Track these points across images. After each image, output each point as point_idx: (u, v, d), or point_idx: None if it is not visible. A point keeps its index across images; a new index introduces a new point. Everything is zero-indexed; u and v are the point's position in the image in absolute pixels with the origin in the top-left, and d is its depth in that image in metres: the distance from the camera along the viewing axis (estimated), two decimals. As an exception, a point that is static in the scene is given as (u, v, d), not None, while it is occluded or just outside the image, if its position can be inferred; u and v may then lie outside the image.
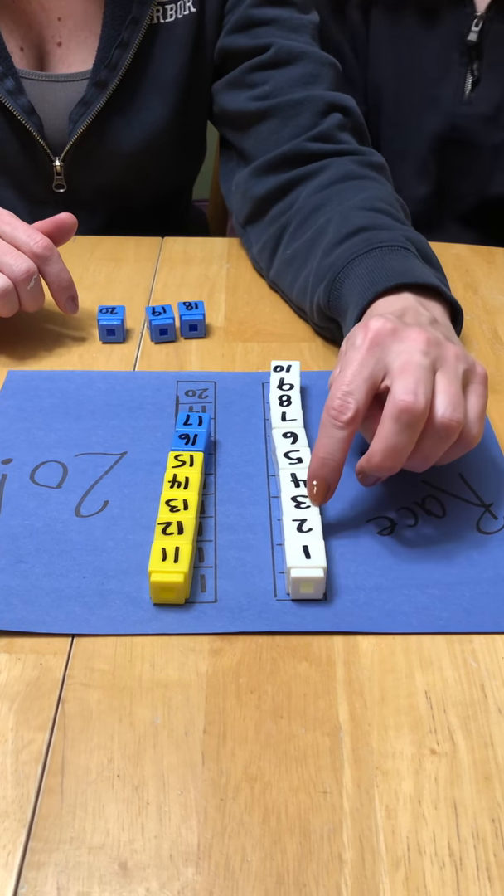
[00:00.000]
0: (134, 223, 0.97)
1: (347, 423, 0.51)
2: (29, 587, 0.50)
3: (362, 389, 0.51)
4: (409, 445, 0.50)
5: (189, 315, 0.74)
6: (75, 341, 0.74)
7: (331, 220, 0.73)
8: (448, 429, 0.51)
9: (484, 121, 0.99)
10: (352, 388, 0.51)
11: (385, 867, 0.37)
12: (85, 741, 0.42)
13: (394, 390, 0.50)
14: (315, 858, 0.38)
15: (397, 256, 0.65)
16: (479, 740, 0.43)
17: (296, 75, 0.84)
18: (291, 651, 0.47)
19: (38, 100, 0.86)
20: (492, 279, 0.86)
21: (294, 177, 0.81)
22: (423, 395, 0.50)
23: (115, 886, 0.36)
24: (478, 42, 0.95)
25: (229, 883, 0.37)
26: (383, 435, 0.50)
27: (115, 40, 0.85)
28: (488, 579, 0.51)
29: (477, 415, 0.53)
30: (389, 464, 0.51)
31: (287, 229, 0.79)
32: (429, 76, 0.99)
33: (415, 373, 0.50)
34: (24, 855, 0.38)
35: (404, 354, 0.52)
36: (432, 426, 0.50)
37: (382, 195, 0.75)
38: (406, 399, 0.49)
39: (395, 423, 0.50)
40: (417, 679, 0.46)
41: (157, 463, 0.59)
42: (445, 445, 0.52)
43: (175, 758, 0.41)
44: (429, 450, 0.52)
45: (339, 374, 0.52)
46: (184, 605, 0.49)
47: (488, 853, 0.38)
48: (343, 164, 0.80)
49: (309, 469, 0.53)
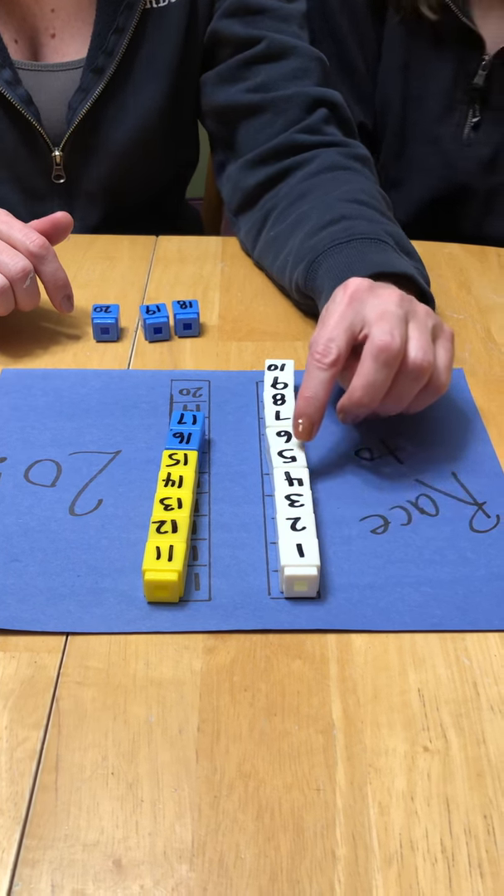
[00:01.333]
0: (129, 219, 0.97)
1: (330, 364, 0.56)
2: (23, 586, 0.50)
3: (343, 337, 0.56)
4: (385, 382, 0.55)
5: (183, 314, 0.74)
6: (69, 340, 0.74)
7: (314, 207, 0.76)
8: (420, 369, 0.56)
9: (481, 164, 0.99)
10: (334, 335, 0.56)
11: (378, 864, 0.38)
12: (79, 739, 0.42)
13: (372, 334, 0.55)
14: (308, 855, 0.38)
15: (376, 248, 0.68)
16: (471, 737, 0.43)
17: (287, 70, 0.86)
18: (285, 649, 0.47)
19: (35, 90, 0.87)
20: (485, 278, 0.86)
21: (283, 167, 0.84)
22: (399, 337, 0.55)
23: (109, 884, 0.37)
24: (484, 86, 0.95)
25: (223, 880, 0.37)
26: (363, 372, 0.55)
27: (111, 26, 0.85)
28: (481, 577, 0.51)
29: (445, 364, 0.58)
30: (368, 399, 0.56)
31: (272, 213, 0.83)
32: (432, 111, 0.99)
33: (390, 320, 0.56)
34: (19, 852, 0.38)
35: (380, 306, 0.57)
36: (405, 367, 0.56)
37: (366, 187, 0.79)
38: (384, 339, 0.54)
39: (374, 362, 0.55)
40: (410, 677, 0.46)
41: (151, 461, 0.59)
42: (417, 386, 0.57)
43: (169, 755, 0.42)
44: (402, 390, 0.57)
45: (322, 325, 0.58)
46: (178, 603, 0.49)
47: (480, 849, 0.38)
48: (329, 155, 0.83)
49: (295, 408, 0.57)
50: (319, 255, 0.70)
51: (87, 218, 0.95)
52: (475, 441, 0.63)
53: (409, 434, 0.63)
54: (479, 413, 0.66)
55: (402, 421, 0.64)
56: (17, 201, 0.93)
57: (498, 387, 0.69)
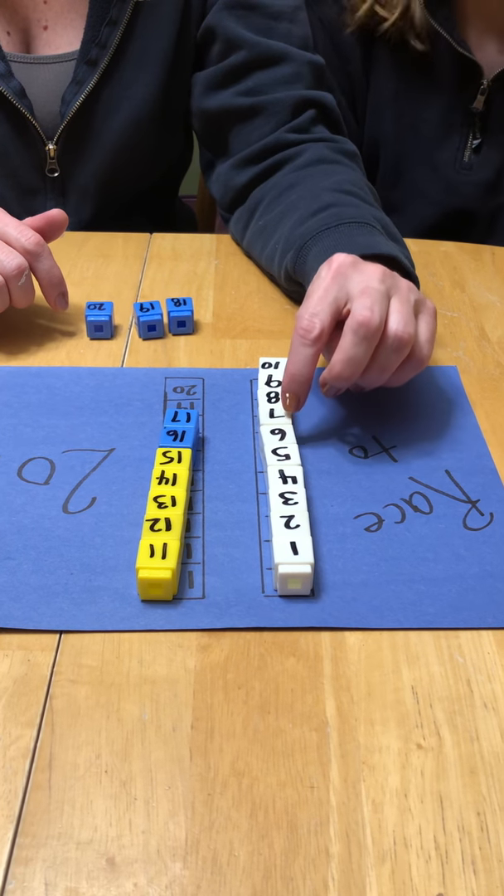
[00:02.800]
0: (122, 215, 0.97)
1: (314, 340, 0.57)
2: (17, 584, 0.50)
3: (327, 312, 0.57)
4: (365, 357, 0.57)
5: (177, 311, 0.74)
6: (63, 337, 0.74)
7: (302, 196, 0.78)
8: (400, 341, 0.57)
9: (483, 187, 0.99)
10: (317, 310, 0.57)
11: (371, 861, 0.38)
12: (73, 737, 0.42)
13: (353, 309, 0.57)
14: (302, 853, 0.38)
15: (363, 232, 0.69)
16: (464, 735, 0.43)
17: (278, 75, 0.87)
18: (279, 647, 0.47)
19: (27, 82, 0.87)
20: (479, 277, 0.87)
21: (272, 162, 0.86)
22: (379, 312, 0.56)
23: (102, 882, 0.37)
24: (483, 110, 0.95)
25: (217, 877, 0.37)
26: (343, 347, 0.56)
27: (105, 18, 0.85)
28: (474, 575, 0.51)
29: (427, 338, 0.59)
30: (348, 373, 0.57)
31: (261, 203, 0.85)
32: (429, 138, 0.99)
33: (372, 295, 0.57)
34: (12, 851, 0.38)
35: (363, 282, 0.58)
36: (386, 340, 0.57)
37: (353, 178, 0.80)
38: (364, 315, 0.55)
39: (354, 336, 0.56)
40: (404, 674, 0.46)
41: (144, 459, 0.59)
42: (399, 358, 0.58)
43: (163, 753, 0.42)
44: (384, 362, 0.58)
45: (306, 301, 0.59)
46: (172, 601, 0.49)
47: (474, 846, 0.38)
48: (318, 149, 0.85)
49: (282, 383, 0.60)
50: (308, 240, 0.71)
51: (80, 213, 0.95)
52: (469, 439, 0.63)
53: (403, 432, 0.63)
54: (473, 411, 0.66)
55: (397, 419, 0.64)
56: (11, 197, 0.93)
57: (492, 384, 0.69)
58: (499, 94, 0.94)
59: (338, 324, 0.58)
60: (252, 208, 0.86)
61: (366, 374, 0.58)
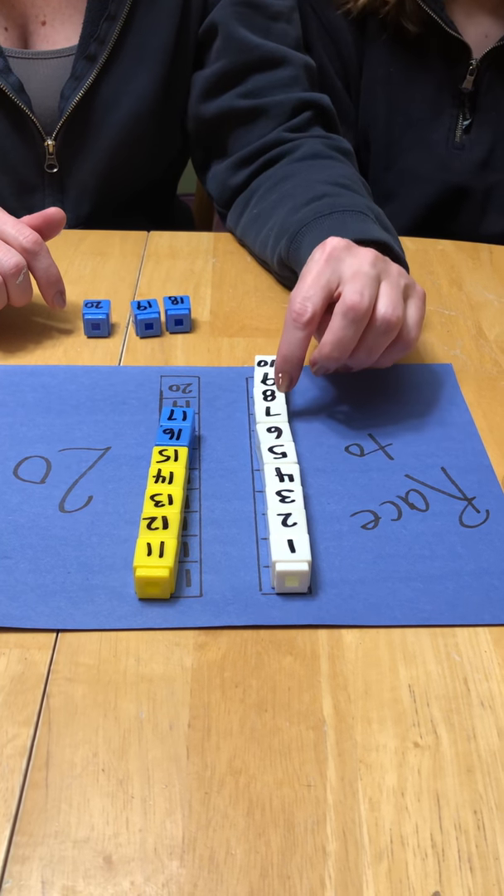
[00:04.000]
0: (120, 213, 0.97)
1: (306, 324, 0.59)
2: (13, 583, 0.50)
3: (319, 296, 0.59)
4: (353, 339, 0.59)
5: (174, 310, 0.74)
6: (60, 335, 0.74)
7: (297, 186, 0.80)
8: (388, 323, 0.59)
9: (476, 164, 0.99)
10: (310, 294, 0.59)
11: (368, 859, 0.38)
12: (70, 735, 0.42)
13: (344, 293, 0.58)
14: (299, 851, 0.38)
15: (357, 219, 0.71)
16: (461, 733, 0.43)
17: (277, 78, 0.89)
18: (276, 645, 0.47)
19: (26, 78, 0.87)
20: (476, 275, 0.87)
21: (268, 158, 0.87)
22: (368, 297, 0.58)
23: (99, 880, 0.37)
24: (473, 89, 0.95)
25: (214, 875, 0.37)
26: (333, 329, 0.58)
27: (103, 13, 0.85)
28: (471, 572, 0.51)
29: (415, 320, 0.61)
30: (336, 354, 0.59)
31: (256, 193, 0.87)
32: (420, 118, 0.99)
33: (362, 279, 0.58)
34: (9, 849, 0.38)
35: (355, 266, 0.60)
36: (375, 321, 0.59)
37: (347, 173, 0.82)
38: (353, 299, 0.57)
39: (343, 319, 0.58)
40: (401, 673, 0.46)
41: (141, 458, 0.59)
42: (386, 340, 0.60)
43: (160, 752, 0.42)
44: (372, 343, 0.60)
45: (299, 283, 0.60)
46: (169, 599, 0.49)
47: (470, 844, 0.38)
48: (313, 144, 0.87)
49: (275, 363, 0.62)
50: (303, 227, 0.72)
51: (78, 209, 0.95)
52: (465, 437, 0.63)
53: (399, 430, 0.63)
54: (469, 408, 0.66)
55: (393, 417, 0.64)
56: (9, 193, 0.93)
57: (488, 383, 0.69)
58: (487, 74, 0.95)
59: (329, 305, 0.60)
60: (247, 198, 0.88)
61: (354, 355, 0.60)
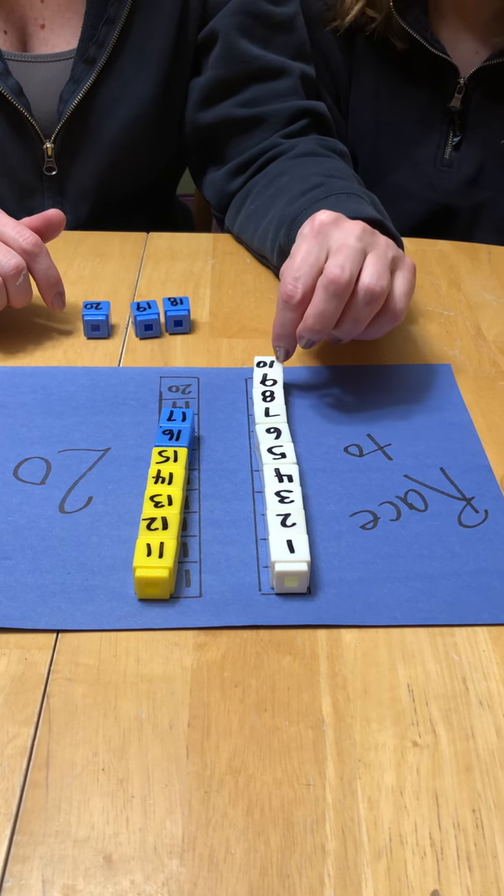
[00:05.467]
0: (120, 214, 0.97)
1: (297, 305, 0.61)
2: (13, 583, 0.50)
3: (309, 276, 0.60)
4: (335, 311, 0.60)
5: (174, 311, 0.74)
6: (60, 336, 0.74)
7: (292, 179, 0.81)
8: (372, 293, 0.59)
9: (464, 182, 0.99)
10: (299, 273, 0.60)
11: (367, 857, 0.38)
12: (70, 735, 0.42)
13: (326, 266, 0.59)
14: (298, 850, 0.38)
15: (352, 201, 0.72)
16: (460, 732, 0.43)
17: (275, 89, 0.90)
18: (275, 645, 0.47)
19: (25, 81, 0.87)
20: (475, 276, 0.87)
21: (265, 161, 0.89)
22: (349, 269, 0.58)
23: (99, 879, 0.37)
24: (461, 108, 0.95)
25: (213, 874, 0.37)
26: (315, 302, 0.60)
27: (102, 17, 0.86)
28: (470, 572, 0.52)
29: (403, 291, 0.62)
30: (320, 326, 0.60)
31: (253, 190, 0.88)
32: (409, 136, 0.99)
33: (346, 252, 0.59)
34: (10, 848, 0.38)
35: (341, 239, 0.61)
36: (358, 292, 0.60)
37: (341, 168, 0.83)
38: (334, 272, 0.58)
39: (324, 292, 0.59)
40: (400, 672, 0.46)
41: (140, 459, 0.60)
42: (371, 311, 0.61)
43: (160, 751, 0.42)
44: (357, 314, 0.61)
45: (289, 261, 0.62)
46: (168, 600, 0.49)
47: (469, 843, 0.38)
48: (308, 143, 0.88)
49: (272, 338, 0.64)
50: (300, 213, 0.72)
51: (77, 211, 0.95)
52: (463, 437, 0.63)
53: (398, 430, 0.63)
54: (467, 408, 0.66)
55: (391, 417, 0.64)
56: (8, 196, 0.93)
57: (487, 383, 0.70)
58: (475, 92, 0.95)
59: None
60: (244, 196, 0.89)
61: (340, 326, 0.62)
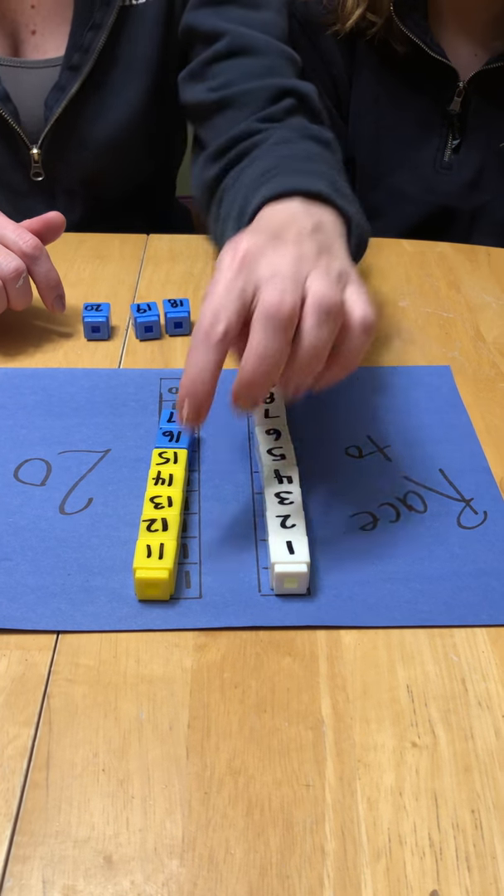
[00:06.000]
0: (114, 216, 0.97)
1: (218, 341, 0.47)
2: (14, 584, 0.50)
3: (232, 307, 0.47)
4: (280, 352, 0.46)
5: (174, 312, 0.74)
6: (60, 338, 0.74)
7: (255, 170, 0.69)
8: (321, 307, 0.47)
9: (464, 185, 1.00)
10: (221, 305, 0.47)
11: (366, 858, 0.38)
12: (70, 736, 0.42)
13: (261, 296, 0.47)
14: (298, 850, 0.38)
15: (303, 172, 0.62)
16: (459, 733, 0.43)
17: (251, 67, 0.82)
18: (275, 646, 0.47)
19: (13, 86, 0.87)
20: (474, 277, 0.87)
21: (239, 152, 0.77)
22: (291, 295, 0.46)
23: (100, 879, 0.37)
24: (460, 111, 0.95)
25: (213, 875, 0.37)
26: (253, 343, 0.46)
27: (87, 23, 0.85)
28: (469, 573, 0.52)
29: (363, 299, 0.49)
30: (263, 372, 0.47)
31: (225, 192, 0.76)
32: (408, 139, 0.99)
33: (283, 280, 0.47)
34: (10, 849, 0.38)
35: (272, 267, 0.48)
36: (307, 312, 0.47)
37: (313, 151, 0.71)
38: (272, 301, 0.46)
39: (263, 328, 0.46)
40: (399, 673, 0.46)
41: (140, 460, 0.60)
42: (330, 332, 0.48)
43: (160, 752, 0.42)
44: (315, 339, 0.47)
45: (208, 294, 0.48)
46: (168, 601, 0.49)
47: (468, 843, 0.39)
48: (283, 132, 0.75)
49: (179, 391, 0.49)
50: (246, 202, 0.63)
51: (69, 215, 0.94)
52: (463, 438, 0.63)
53: (397, 431, 0.63)
54: (466, 410, 0.66)
55: (391, 418, 0.65)
56: (2, 200, 0.93)
57: (486, 385, 0.70)
58: (475, 96, 0.95)
59: (246, 321, 0.48)
60: (219, 199, 0.78)
61: (292, 367, 0.48)
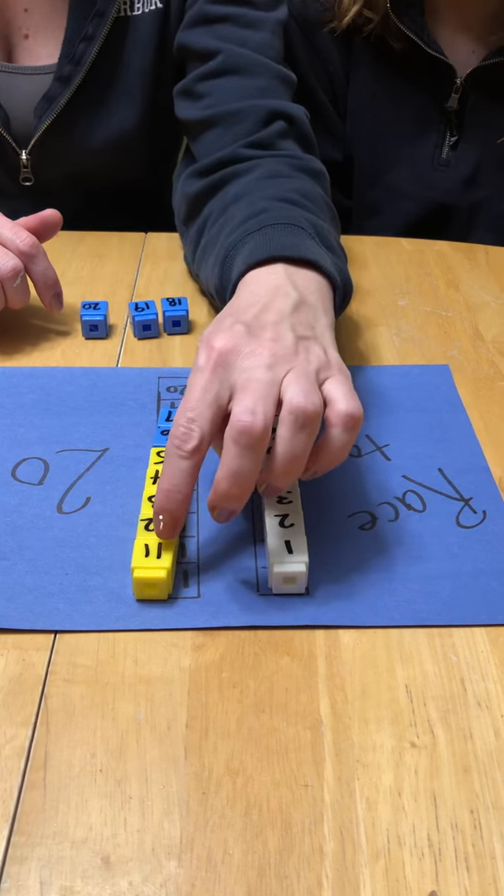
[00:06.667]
0: (104, 218, 0.97)
1: (192, 452, 0.47)
2: (11, 584, 0.50)
3: (206, 415, 0.47)
4: (253, 469, 0.47)
5: (172, 311, 0.74)
6: (58, 337, 0.74)
7: (240, 208, 0.68)
8: (297, 418, 0.46)
9: (462, 182, 0.99)
10: (195, 413, 0.47)
11: (365, 859, 0.38)
12: (68, 736, 0.42)
13: (233, 412, 0.47)
14: (296, 851, 0.38)
15: (287, 232, 0.60)
16: (458, 733, 0.43)
17: (241, 86, 0.80)
18: (273, 646, 0.47)
19: (4, 91, 0.86)
20: (473, 276, 0.87)
21: (222, 176, 0.75)
22: (262, 412, 0.46)
23: (97, 880, 0.37)
24: (458, 108, 0.95)
25: (211, 875, 0.37)
26: (226, 461, 0.46)
27: (80, 34, 0.84)
28: (468, 573, 0.52)
29: (344, 392, 0.49)
30: (237, 490, 0.47)
31: (207, 222, 0.75)
32: (406, 135, 0.99)
33: (255, 390, 0.47)
34: (7, 850, 0.38)
35: (247, 371, 0.48)
36: (283, 420, 0.47)
37: (303, 188, 0.69)
38: (243, 420, 0.46)
39: (234, 446, 0.46)
40: (398, 673, 0.46)
41: (138, 459, 0.60)
42: (306, 437, 0.47)
43: (157, 752, 0.42)
44: (291, 448, 0.47)
45: (183, 400, 0.48)
46: (166, 600, 0.49)
47: (467, 844, 0.38)
48: (272, 164, 0.73)
49: (155, 501, 0.49)
50: (231, 250, 0.63)
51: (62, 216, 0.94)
52: (462, 438, 0.63)
53: (396, 431, 0.63)
54: (465, 409, 0.66)
55: (390, 417, 0.64)
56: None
57: (485, 384, 0.70)
58: (472, 92, 0.95)
59: (223, 421, 0.48)
60: (200, 229, 0.77)
61: (271, 472, 0.48)
